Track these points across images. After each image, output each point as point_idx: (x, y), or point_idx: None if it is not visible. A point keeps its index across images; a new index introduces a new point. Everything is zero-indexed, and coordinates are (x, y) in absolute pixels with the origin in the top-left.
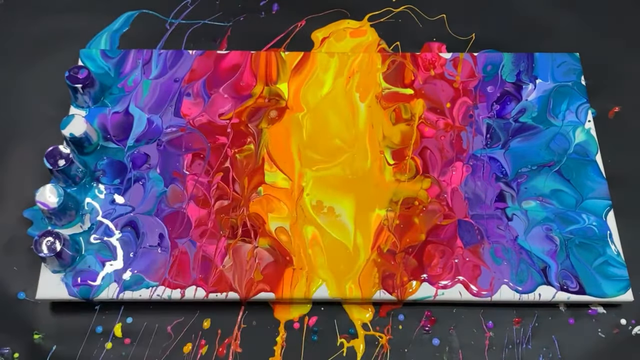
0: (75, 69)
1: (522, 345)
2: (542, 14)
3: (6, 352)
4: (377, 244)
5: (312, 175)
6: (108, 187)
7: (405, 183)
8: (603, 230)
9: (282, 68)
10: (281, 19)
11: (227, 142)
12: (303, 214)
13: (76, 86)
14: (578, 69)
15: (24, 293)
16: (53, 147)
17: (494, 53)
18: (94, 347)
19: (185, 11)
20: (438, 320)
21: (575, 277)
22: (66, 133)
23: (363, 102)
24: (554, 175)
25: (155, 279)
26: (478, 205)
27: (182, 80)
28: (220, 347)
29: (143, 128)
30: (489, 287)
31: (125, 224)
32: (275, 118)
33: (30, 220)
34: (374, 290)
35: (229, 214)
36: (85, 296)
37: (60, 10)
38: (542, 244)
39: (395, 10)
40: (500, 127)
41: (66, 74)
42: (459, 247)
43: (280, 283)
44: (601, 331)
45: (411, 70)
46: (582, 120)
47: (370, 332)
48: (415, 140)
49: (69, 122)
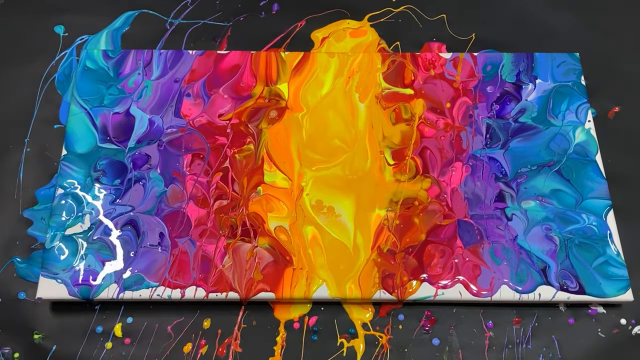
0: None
1: (522, 345)
2: (542, 14)
3: (6, 352)
4: (377, 244)
5: (312, 175)
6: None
7: (405, 183)
8: (603, 230)
9: (282, 68)
10: (281, 19)
11: (227, 142)
12: (303, 214)
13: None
14: (578, 69)
15: (24, 293)
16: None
17: (494, 53)
18: (94, 347)
19: (185, 11)
20: (438, 320)
21: (575, 277)
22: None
23: (363, 102)
24: (553, 175)
25: (156, 279)
26: (478, 205)
27: (182, 81)
28: (220, 347)
29: (144, 129)
30: (489, 287)
31: (126, 223)
32: (275, 118)
33: (30, 220)
34: (374, 290)
35: (228, 214)
36: (85, 296)
37: (60, 10)
38: (541, 244)
39: (395, 10)
40: (500, 127)
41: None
42: (458, 247)
43: (280, 283)
44: (601, 331)
45: (411, 70)
46: (582, 120)
47: (370, 332)
48: (415, 140)
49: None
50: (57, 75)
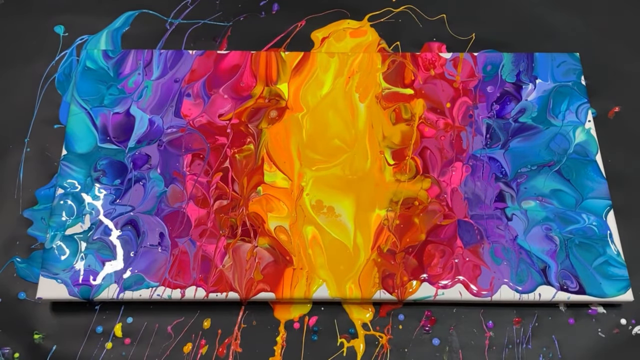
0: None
1: (522, 345)
2: (542, 14)
3: (6, 352)
4: (377, 244)
5: (312, 175)
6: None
7: (405, 183)
8: (603, 230)
9: (282, 68)
10: (281, 19)
11: (227, 142)
12: (303, 214)
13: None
14: (578, 69)
15: (24, 293)
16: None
17: (494, 53)
18: (94, 347)
19: (185, 11)
20: (438, 320)
21: (575, 277)
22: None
23: (363, 102)
24: (553, 175)
25: (156, 279)
26: (478, 205)
27: (182, 81)
28: (220, 347)
29: (145, 129)
30: (489, 287)
31: (126, 222)
32: (275, 118)
33: (30, 220)
34: (374, 290)
35: (228, 214)
36: (85, 296)
37: (60, 10)
38: (541, 244)
39: (395, 10)
40: (500, 127)
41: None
42: (458, 247)
43: (280, 283)
44: (601, 331)
45: (411, 70)
46: (582, 120)
47: (370, 332)
48: (415, 141)
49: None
50: (57, 75)
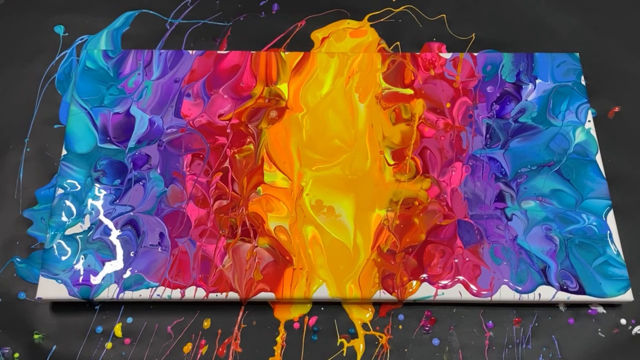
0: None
1: (522, 345)
2: (542, 14)
3: (6, 352)
4: (377, 244)
5: (312, 175)
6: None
7: (405, 183)
8: (603, 230)
9: (282, 68)
10: (281, 19)
11: (227, 142)
12: (303, 214)
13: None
14: (578, 69)
15: (24, 293)
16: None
17: (494, 53)
18: (94, 347)
19: (185, 11)
20: (438, 320)
21: (575, 277)
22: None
23: (363, 102)
24: (553, 175)
25: (156, 279)
26: (477, 205)
27: (182, 81)
28: (220, 347)
29: (145, 129)
30: (489, 287)
31: (126, 222)
32: (275, 118)
33: (30, 220)
34: (374, 290)
35: (228, 214)
36: (85, 296)
37: (60, 10)
38: (541, 244)
39: (395, 10)
40: (500, 127)
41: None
42: (458, 247)
43: (280, 283)
44: (601, 331)
45: (411, 70)
46: (582, 120)
47: (370, 332)
48: (415, 141)
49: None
50: (57, 75)
